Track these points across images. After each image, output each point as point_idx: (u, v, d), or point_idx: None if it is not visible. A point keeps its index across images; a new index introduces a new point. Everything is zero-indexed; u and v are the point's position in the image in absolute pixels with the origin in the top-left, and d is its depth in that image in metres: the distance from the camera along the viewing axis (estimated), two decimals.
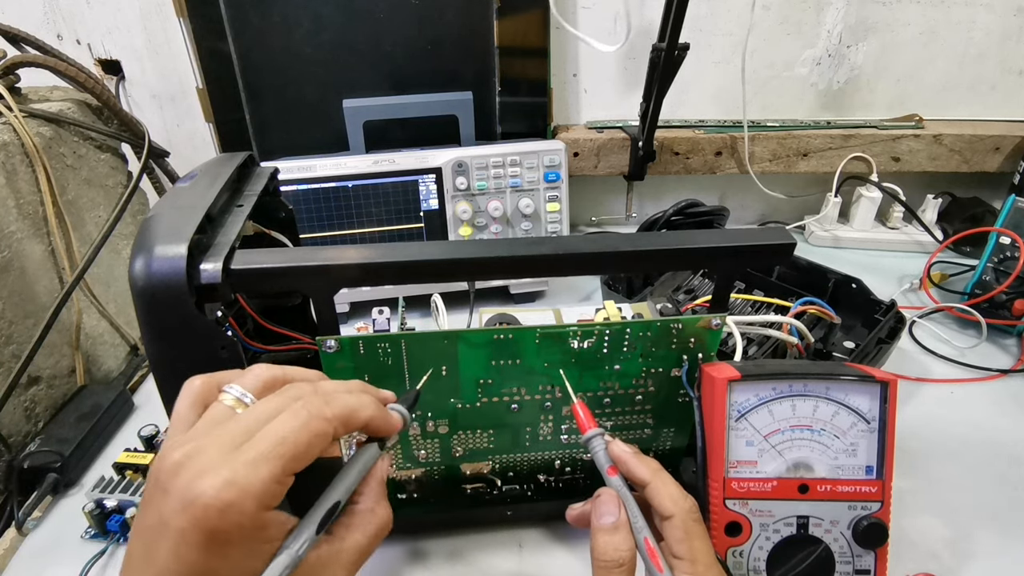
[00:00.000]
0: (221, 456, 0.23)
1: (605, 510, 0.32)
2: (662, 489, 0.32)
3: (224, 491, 0.22)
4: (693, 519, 0.31)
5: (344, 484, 0.27)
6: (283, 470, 0.24)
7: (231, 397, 0.27)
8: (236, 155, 0.43)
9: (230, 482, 0.23)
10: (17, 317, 0.51)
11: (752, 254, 0.37)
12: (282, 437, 0.24)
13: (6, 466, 0.49)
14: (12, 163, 0.51)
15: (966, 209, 0.88)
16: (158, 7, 0.75)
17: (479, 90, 0.75)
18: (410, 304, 0.60)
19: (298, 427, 0.25)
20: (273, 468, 0.24)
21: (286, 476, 0.24)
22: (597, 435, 0.35)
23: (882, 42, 0.83)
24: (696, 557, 0.30)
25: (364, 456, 0.29)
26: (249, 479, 0.23)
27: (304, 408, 0.26)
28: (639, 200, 0.90)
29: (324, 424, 0.26)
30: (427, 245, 0.39)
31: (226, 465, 0.23)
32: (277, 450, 0.24)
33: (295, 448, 0.24)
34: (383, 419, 0.30)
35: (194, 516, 0.22)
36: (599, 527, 0.31)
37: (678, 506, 0.31)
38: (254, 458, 0.23)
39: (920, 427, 0.55)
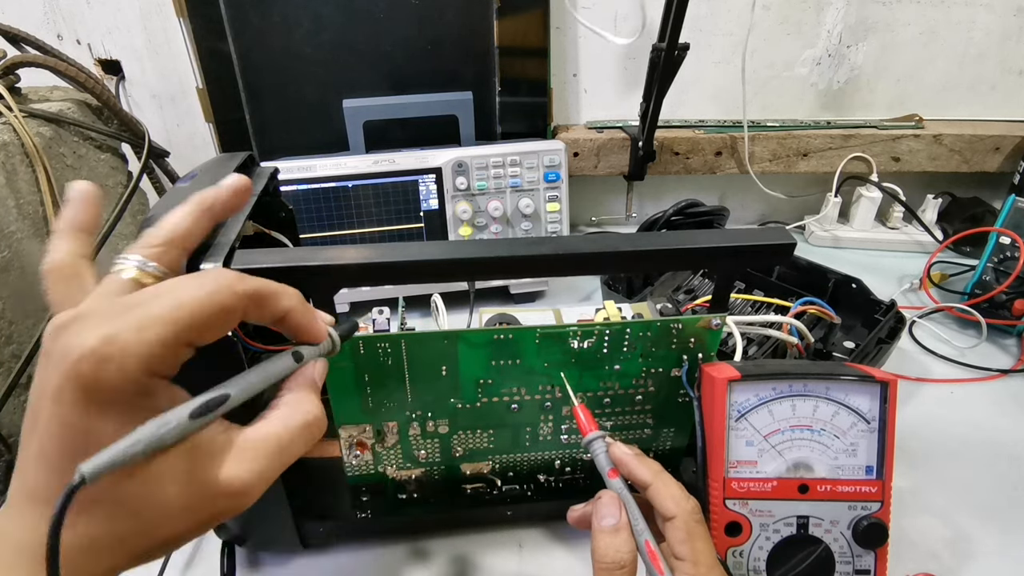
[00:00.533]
0: (108, 318, 0.21)
1: (606, 512, 0.32)
2: (664, 490, 0.32)
3: (102, 346, 0.20)
4: (695, 520, 0.31)
5: (242, 380, 0.24)
6: (176, 336, 0.22)
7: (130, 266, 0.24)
8: (236, 155, 0.43)
9: (110, 338, 0.20)
10: (17, 317, 0.51)
11: (752, 254, 0.37)
12: (180, 302, 0.22)
13: (6, 466, 0.49)
14: (12, 163, 0.51)
15: (966, 209, 0.88)
16: (158, 7, 0.75)
17: (479, 90, 0.75)
18: (410, 304, 0.60)
19: (200, 295, 0.22)
20: (164, 331, 0.21)
21: (180, 344, 0.22)
22: (598, 438, 0.35)
23: (882, 42, 0.83)
24: (698, 558, 0.30)
25: (276, 360, 0.26)
26: (133, 338, 0.21)
27: (212, 278, 0.23)
28: (639, 200, 0.90)
29: (232, 297, 0.23)
30: (427, 245, 0.39)
31: (109, 323, 0.21)
32: (171, 314, 0.22)
33: (192, 315, 0.22)
34: (307, 318, 0.27)
35: (68, 371, 0.20)
36: (600, 529, 0.31)
37: (680, 507, 0.31)
38: (141, 318, 0.21)
39: (920, 427, 0.55)
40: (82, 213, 0.27)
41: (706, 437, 0.37)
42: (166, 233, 0.26)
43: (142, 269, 0.25)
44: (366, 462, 0.42)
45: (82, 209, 0.27)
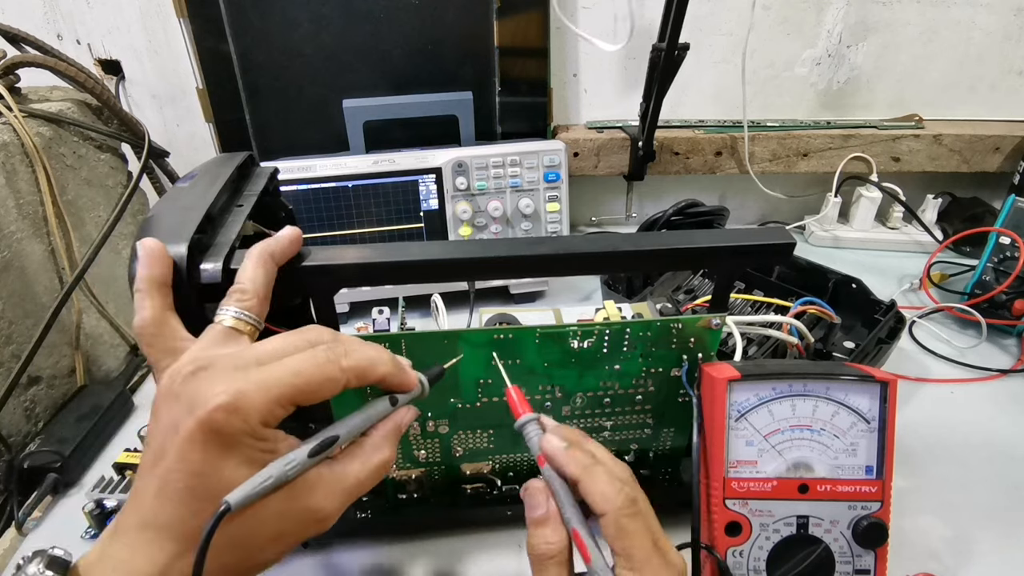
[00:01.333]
0: (235, 373, 0.25)
1: (533, 502, 0.31)
2: (591, 487, 0.30)
3: (234, 400, 0.24)
4: (626, 515, 0.29)
5: (348, 423, 0.28)
6: (290, 398, 0.26)
7: (229, 317, 0.28)
8: (236, 155, 0.43)
9: (240, 393, 0.24)
10: (17, 317, 0.51)
11: (752, 254, 0.37)
12: (296, 371, 0.26)
13: (6, 466, 0.49)
14: (12, 163, 0.51)
15: (966, 209, 0.88)
16: (158, 7, 0.75)
17: (479, 90, 0.75)
18: (410, 304, 0.60)
19: (313, 366, 0.26)
20: (282, 393, 0.25)
21: (290, 404, 0.26)
22: (531, 420, 0.33)
23: (882, 42, 0.83)
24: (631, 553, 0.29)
25: (375, 405, 0.30)
26: (259, 396, 0.25)
27: (323, 352, 0.27)
28: (639, 200, 0.90)
29: (338, 372, 0.27)
30: (427, 245, 0.39)
31: (239, 379, 0.25)
32: (289, 379, 0.26)
33: (307, 384, 0.26)
34: (398, 377, 0.30)
35: (201, 418, 0.24)
36: (529, 519, 0.31)
37: (609, 504, 0.29)
38: (266, 380, 0.25)
39: (920, 427, 0.55)
40: (156, 268, 0.30)
41: (706, 437, 0.37)
42: (250, 288, 0.30)
43: (238, 318, 0.29)
44: None
45: (155, 264, 0.30)
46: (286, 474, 0.25)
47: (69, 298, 0.54)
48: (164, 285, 0.30)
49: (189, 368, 0.26)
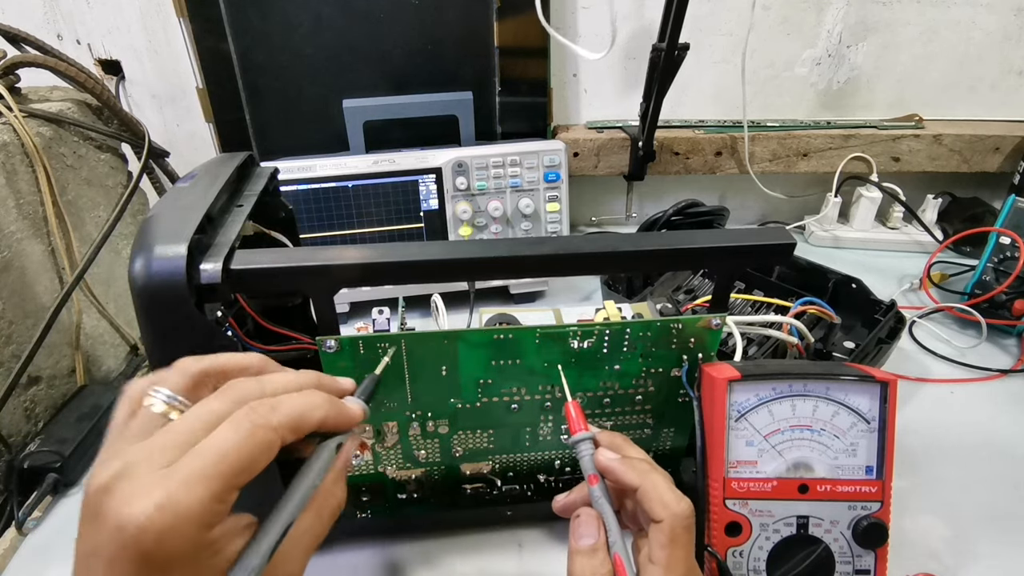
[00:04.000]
0: (152, 475, 0.21)
1: (584, 531, 0.31)
2: (652, 493, 0.31)
3: (157, 516, 0.20)
4: (683, 526, 0.30)
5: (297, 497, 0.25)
6: (224, 488, 0.22)
7: (159, 402, 0.25)
8: (236, 155, 0.43)
9: (162, 506, 0.21)
10: (17, 317, 0.51)
11: (752, 254, 0.37)
12: (223, 452, 0.22)
13: (6, 466, 0.49)
14: (12, 163, 0.51)
15: (966, 209, 0.88)
16: (158, 7, 0.75)
17: (479, 90, 0.75)
18: (410, 304, 0.60)
19: (240, 440, 0.23)
20: (212, 487, 0.22)
21: (228, 494, 0.22)
22: (587, 439, 0.34)
23: (882, 42, 0.83)
24: (672, 565, 0.29)
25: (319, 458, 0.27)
26: (185, 501, 0.21)
27: (247, 418, 0.24)
28: (639, 200, 0.90)
29: (270, 434, 0.24)
30: (427, 245, 0.39)
31: (158, 486, 0.21)
32: (216, 468, 0.22)
33: (237, 463, 0.22)
34: (337, 416, 0.28)
35: (125, 543, 0.20)
36: (577, 549, 0.31)
37: (668, 511, 0.30)
38: (188, 477, 0.21)
39: (920, 427, 0.55)
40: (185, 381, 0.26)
41: (706, 437, 0.37)
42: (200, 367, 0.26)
43: (170, 403, 0.25)
44: (366, 462, 0.42)
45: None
46: None
47: (69, 298, 0.54)
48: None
49: (104, 478, 0.21)
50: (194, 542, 0.21)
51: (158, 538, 0.20)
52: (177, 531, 0.21)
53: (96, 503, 0.21)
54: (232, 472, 0.22)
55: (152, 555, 0.21)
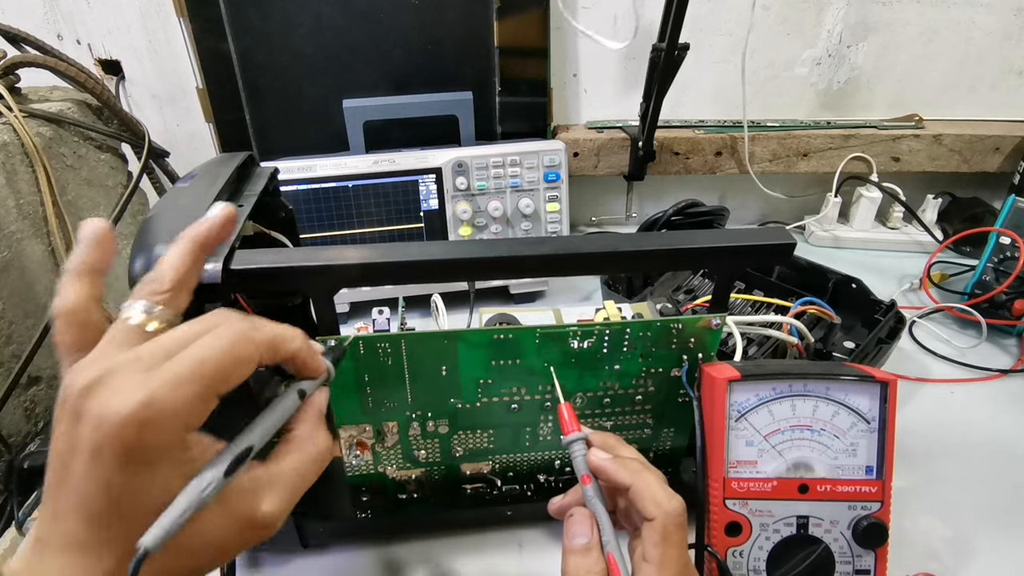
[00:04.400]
0: (136, 376, 0.22)
1: (577, 531, 0.32)
2: (644, 491, 0.31)
3: (141, 410, 0.21)
4: (675, 524, 0.30)
5: (259, 428, 0.26)
6: (205, 391, 0.23)
7: (137, 313, 0.25)
8: (236, 155, 0.43)
9: (147, 402, 0.21)
10: (17, 317, 0.51)
11: (752, 254, 0.37)
12: (204, 358, 0.23)
13: (6, 466, 0.49)
14: (12, 163, 0.51)
15: (966, 209, 0.88)
16: (158, 7, 0.75)
17: (479, 90, 0.75)
18: (410, 304, 0.60)
19: (221, 349, 0.24)
20: (194, 388, 0.23)
21: (209, 398, 0.23)
22: (579, 439, 0.34)
23: (882, 42, 0.83)
24: (665, 563, 0.30)
25: (283, 401, 0.28)
26: (168, 398, 0.22)
27: (229, 329, 0.25)
28: (639, 200, 0.90)
29: (250, 347, 0.25)
30: (427, 245, 0.39)
31: (143, 385, 0.22)
32: (198, 370, 0.23)
33: (217, 370, 0.23)
34: (310, 355, 0.29)
35: (107, 434, 0.21)
36: (571, 548, 0.31)
37: (660, 509, 0.30)
38: (173, 378, 0.22)
39: (920, 427, 0.55)
40: (94, 254, 0.27)
41: (706, 437, 0.37)
42: (169, 277, 0.27)
43: (148, 314, 0.25)
44: (366, 462, 0.42)
45: (94, 250, 0.27)
46: (204, 499, 0.22)
47: None
48: (98, 273, 0.27)
49: (86, 379, 0.22)
50: (172, 439, 0.22)
51: (140, 431, 0.21)
52: (158, 426, 0.22)
53: (78, 403, 0.22)
54: (213, 377, 0.23)
55: (133, 447, 0.21)
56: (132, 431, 0.21)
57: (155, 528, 0.22)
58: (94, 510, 0.22)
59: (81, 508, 0.22)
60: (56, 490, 0.23)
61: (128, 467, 0.22)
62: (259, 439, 0.26)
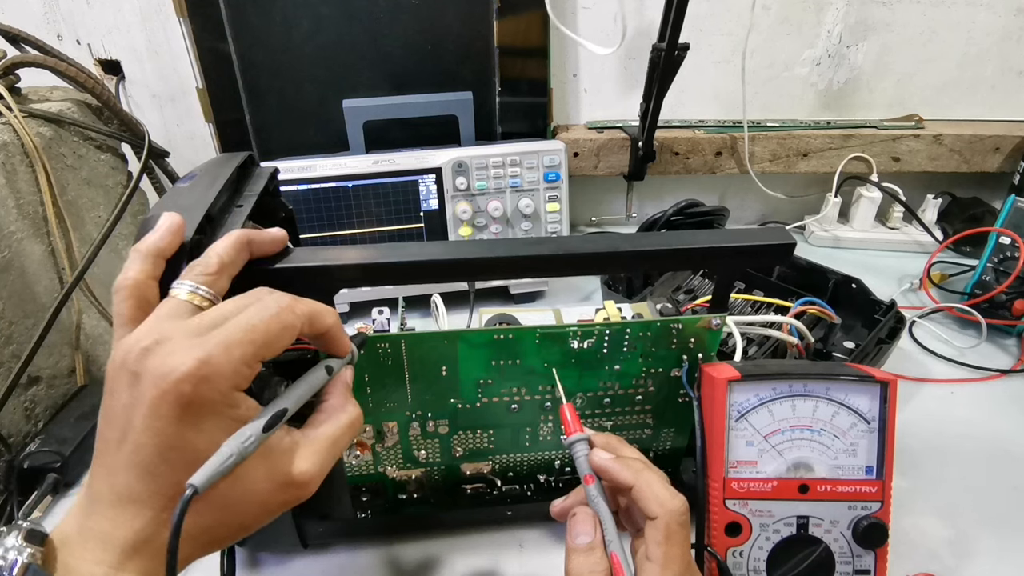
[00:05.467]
0: (191, 340, 0.24)
1: (580, 530, 0.32)
2: (646, 491, 0.31)
3: (199, 367, 0.24)
4: (678, 523, 0.30)
5: (292, 394, 0.28)
6: (253, 355, 0.25)
7: (184, 291, 0.27)
8: (236, 155, 0.43)
9: (204, 360, 0.24)
10: (17, 317, 0.51)
11: (752, 254, 0.37)
12: (252, 325, 0.26)
13: (6, 466, 0.49)
14: (12, 163, 0.51)
15: (966, 209, 0.88)
16: (158, 7, 0.75)
17: (479, 90, 0.75)
18: (410, 304, 0.60)
19: (268, 317, 0.26)
20: (244, 351, 0.25)
21: (256, 361, 0.26)
22: (581, 440, 0.34)
23: (882, 42, 0.83)
24: (668, 564, 0.30)
25: (314, 374, 0.30)
26: (222, 359, 0.24)
27: (275, 302, 0.27)
28: (639, 200, 0.90)
29: (293, 317, 0.27)
30: (427, 245, 0.39)
31: (199, 346, 0.24)
32: (248, 335, 0.25)
33: (265, 336, 0.26)
34: (341, 333, 0.31)
35: (167, 390, 0.23)
36: (574, 547, 0.32)
37: (663, 508, 0.30)
38: (224, 341, 0.25)
39: (920, 427, 0.55)
40: (166, 241, 0.29)
41: (706, 437, 0.37)
42: (216, 261, 0.29)
43: (194, 292, 0.27)
44: (366, 462, 0.42)
45: (168, 238, 0.29)
46: (245, 449, 0.25)
47: (69, 298, 0.54)
48: (162, 257, 0.29)
49: (144, 343, 0.24)
50: (224, 396, 0.25)
51: (196, 387, 0.24)
52: (212, 383, 0.24)
53: (135, 364, 0.24)
54: (261, 342, 0.26)
55: (190, 401, 0.24)
56: (189, 387, 0.23)
57: (202, 470, 0.24)
58: (149, 462, 0.24)
59: (136, 461, 0.24)
60: (111, 446, 0.24)
61: (184, 420, 0.24)
62: (292, 403, 0.28)
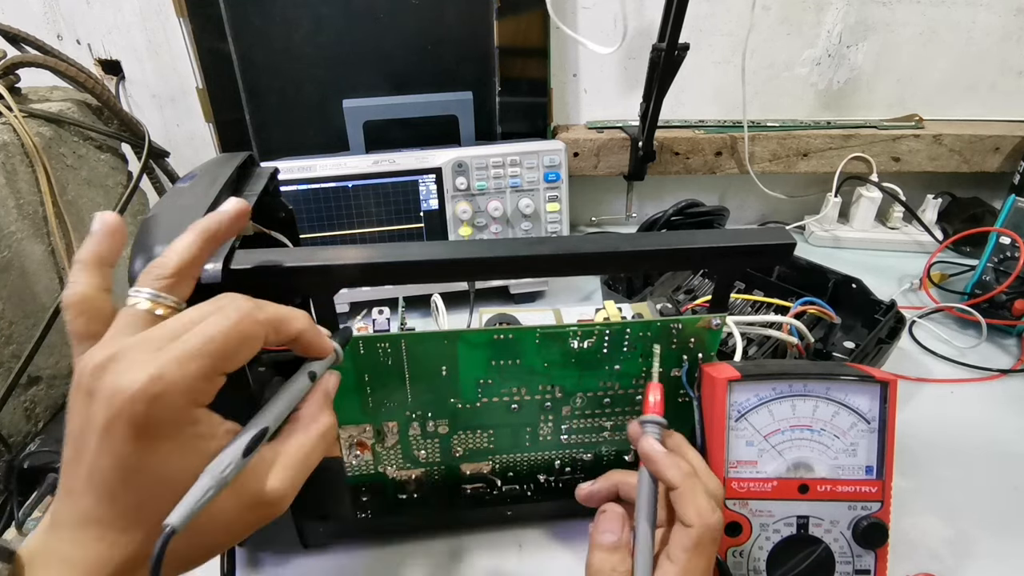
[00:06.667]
0: (146, 355, 0.23)
1: (606, 527, 0.32)
2: (688, 496, 0.31)
3: (150, 385, 0.22)
4: (711, 537, 0.30)
5: (273, 409, 0.27)
6: (212, 368, 0.24)
7: (144, 299, 0.26)
8: (236, 155, 0.43)
9: (156, 377, 0.22)
10: (17, 317, 0.51)
11: (752, 254, 0.37)
12: (211, 336, 0.24)
13: (6, 466, 0.49)
14: (12, 163, 0.51)
15: (966, 209, 0.88)
16: (158, 7, 0.75)
17: (479, 90, 0.75)
18: (410, 304, 0.60)
19: (228, 327, 0.24)
20: (202, 365, 0.23)
21: (216, 374, 0.24)
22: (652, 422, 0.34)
23: (882, 42, 0.83)
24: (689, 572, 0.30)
25: (295, 383, 0.29)
26: (176, 374, 0.23)
27: (235, 310, 0.25)
28: (639, 200, 0.90)
29: (255, 326, 0.25)
30: (427, 245, 0.39)
31: (152, 362, 0.23)
32: (206, 347, 0.24)
33: (224, 347, 0.24)
34: (315, 336, 0.29)
35: (119, 409, 0.22)
36: (599, 544, 0.31)
37: (701, 519, 0.30)
38: (180, 355, 0.23)
39: (920, 427, 0.55)
40: (105, 246, 0.28)
41: (706, 437, 0.37)
42: (174, 264, 0.27)
43: (155, 300, 0.26)
44: (366, 462, 0.42)
45: (105, 242, 0.28)
46: (225, 479, 0.23)
47: None
48: (107, 264, 0.28)
49: (98, 359, 0.23)
50: (180, 414, 0.23)
51: (149, 405, 0.22)
52: (166, 400, 0.22)
53: (89, 382, 0.23)
54: (219, 354, 0.24)
55: (143, 421, 0.22)
56: (142, 405, 0.22)
57: (180, 507, 0.22)
58: (107, 484, 0.23)
59: (94, 483, 0.23)
60: (71, 468, 0.23)
61: (139, 441, 0.22)
62: (274, 420, 0.26)
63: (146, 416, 0.22)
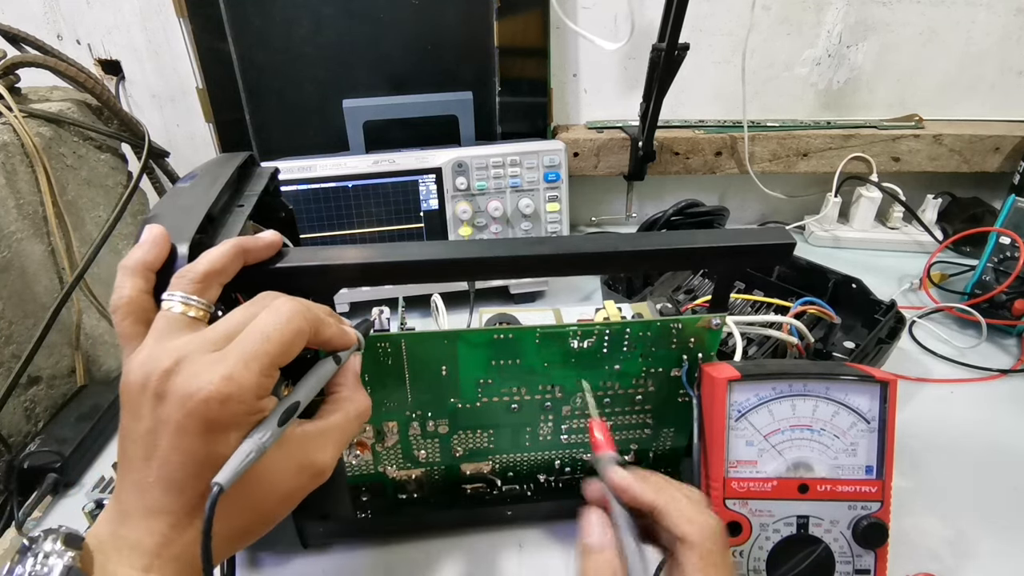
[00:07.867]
0: (211, 357, 0.25)
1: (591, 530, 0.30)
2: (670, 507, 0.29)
3: (223, 386, 0.24)
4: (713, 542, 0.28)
5: (303, 388, 0.29)
6: (271, 364, 0.26)
7: (177, 302, 0.28)
8: (236, 155, 0.43)
9: (227, 378, 0.25)
10: (17, 317, 0.51)
11: (752, 254, 0.37)
12: (267, 335, 0.26)
13: (6, 466, 0.49)
14: (12, 163, 0.51)
15: (966, 209, 0.88)
16: (158, 7, 0.75)
17: (479, 90, 0.75)
18: (410, 304, 0.60)
19: (281, 324, 0.27)
20: (262, 363, 0.26)
21: (274, 370, 0.26)
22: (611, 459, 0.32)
23: (882, 42, 0.83)
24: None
25: (323, 366, 0.31)
26: (244, 375, 0.25)
27: (285, 307, 0.28)
28: (639, 200, 0.90)
29: (303, 322, 0.28)
30: (427, 245, 0.39)
31: (220, 364, 0.25)
32: (264, 346, 0.26)
33: (280, 344, 0.26)
34: (342, 334, 0.31)
35: (191, 410, 0.24)
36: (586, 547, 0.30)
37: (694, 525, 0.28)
38: (244, 356, 0.25)
39: (920, 427, 0.55)
40: (152, 254, 0.29)
41: (706, 437, 0.37)
42: (204, 269, 0.29)
43: (186, 303, 0.28)
44: (366, 462, 0.42)
45: (152, 251, 0.30)
46: (264, 444, 0.26)
47: (69, 298, 0.54)
48: (151, 270, 0.29)
49: (165, 364, 0.25)
50: (249, 409, 0.26)
51: (222, 405, 0.24)
52: (238, 399, 0.25)
53: (161, 385, 0.25)
54: (276, 352, 0.26)
55: (217, 419, 0.25)
56: (215, 406, 0.24)
57: (225, 468, 0.24)
58: (176, 478, 0.25)
59: (163, 477, 0.25)
60: (140, 464, 0.25)
61: (209, 436, 0.25)
62: (304, 396, 0.29)
63: (218, 415, 0.24)
